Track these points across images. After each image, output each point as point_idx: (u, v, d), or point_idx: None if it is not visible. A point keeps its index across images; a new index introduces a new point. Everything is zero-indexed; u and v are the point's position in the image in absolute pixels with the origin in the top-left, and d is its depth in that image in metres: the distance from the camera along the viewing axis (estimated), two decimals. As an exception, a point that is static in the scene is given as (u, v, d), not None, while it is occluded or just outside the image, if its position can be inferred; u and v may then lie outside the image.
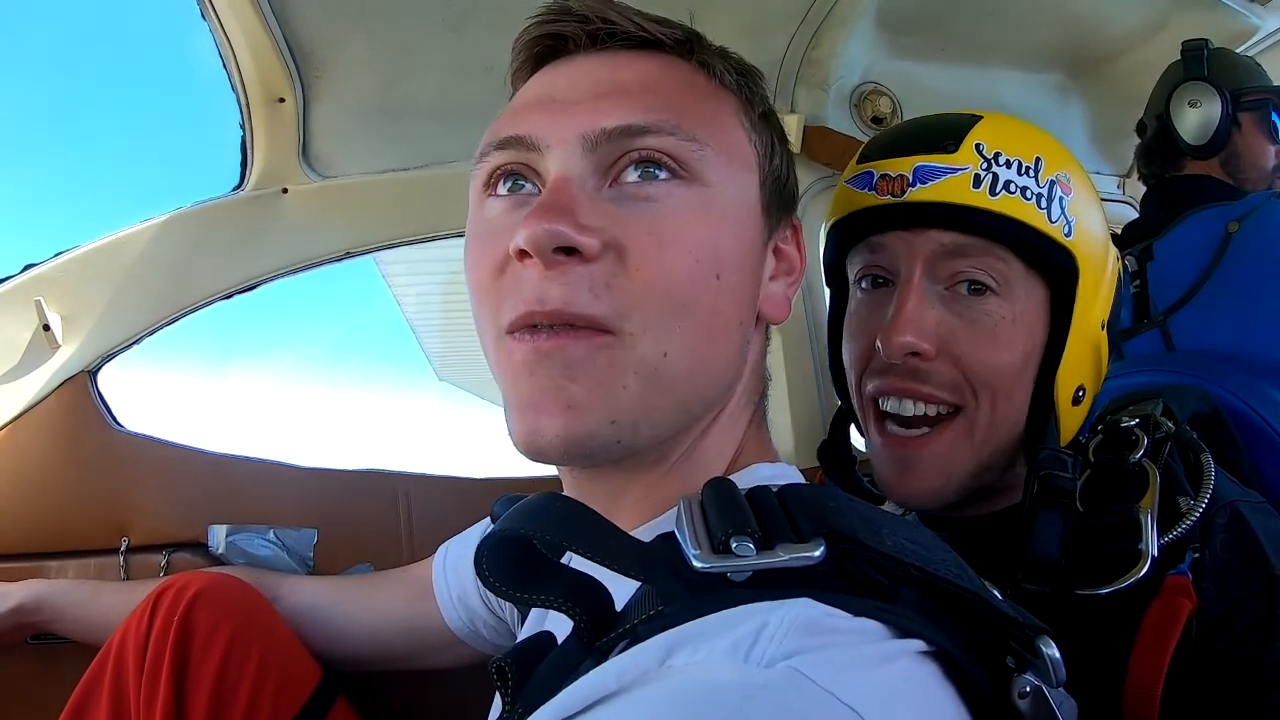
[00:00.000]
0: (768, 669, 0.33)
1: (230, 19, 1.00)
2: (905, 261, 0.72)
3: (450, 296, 7.09)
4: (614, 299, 0.47)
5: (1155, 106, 1.30)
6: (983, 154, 0.70)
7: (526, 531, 0.41)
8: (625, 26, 0.54)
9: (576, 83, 0.53)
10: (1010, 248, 0.70)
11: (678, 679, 0.34)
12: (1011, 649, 0.42)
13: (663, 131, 0.50)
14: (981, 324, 0.70)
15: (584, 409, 0.47)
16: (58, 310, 1.07)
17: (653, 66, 0.54)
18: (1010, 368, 0.71)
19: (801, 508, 0.42)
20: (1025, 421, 0.73)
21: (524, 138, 0.51)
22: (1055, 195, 0.70)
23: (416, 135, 1.20)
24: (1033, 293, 0.72)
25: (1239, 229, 1.09)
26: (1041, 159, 0.71)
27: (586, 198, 0.49)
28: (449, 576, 0.90)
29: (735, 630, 0.35)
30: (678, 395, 0.50)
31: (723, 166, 0.52)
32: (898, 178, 0.71)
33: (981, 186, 0.69)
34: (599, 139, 0.49)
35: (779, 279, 0.59)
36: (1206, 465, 0.69)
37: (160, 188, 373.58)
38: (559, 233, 0.46)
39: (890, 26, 1.30)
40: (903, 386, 0.72)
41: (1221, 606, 0.63)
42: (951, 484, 0.73)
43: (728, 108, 0.56)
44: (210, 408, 55.02)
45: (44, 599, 0.94)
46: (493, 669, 0.45)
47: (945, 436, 0.72)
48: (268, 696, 0.82)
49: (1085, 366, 0.74)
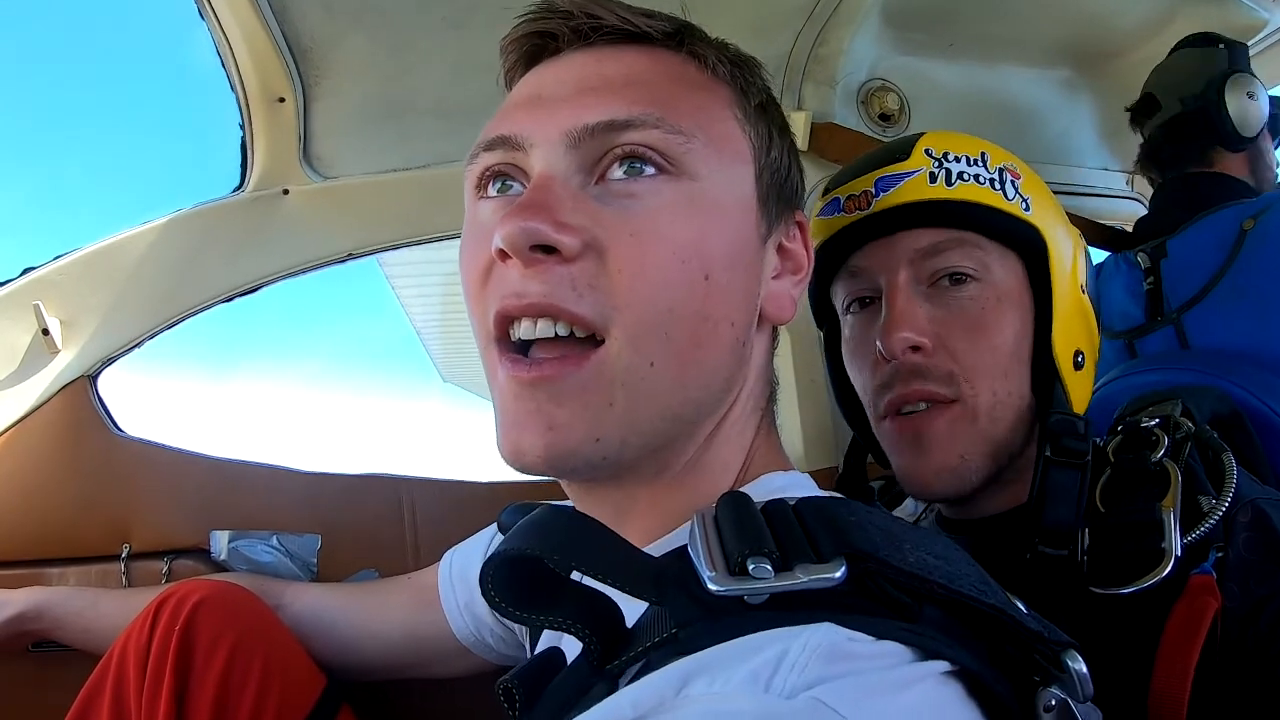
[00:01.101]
0: (789, 700, 0.32)
1: (229, 18, 0.99)
2: (886, 270, 0.75)
3: (454, 297, 7.08)
4: (597, 300, 0.46)
5: (1185, 89, 1.26)
6: (932, 155, 0.75)
7: (532, 551, 0.39)
8: (611, 21, 0.52)
9: (562, 79, 0.52)
10: (979, 232, 0.74)
11: (695, 709, 0.33)
12: (1037, 664, 0.41)
13: (647, 125, 0.48)
14: (969, 311, 0.73)
15: (566, 428, 0.46)
16: (57, 314, 1.06)
17: (640, 60, 0.53)
18: (1004, 347, 0.73)
19: (821, 524, 0.41)
20: (1031, 395, 0.75)
21: (510, 137, 0.50)
22: (1006, 179, 0.75)
23: (418, 135, 1.19)
24: (1010, 270, 0.75)
25: (1254, 226, 1.08)
26: (986, 153, 0.76)
27: (569, 195, 0.48)
28: (455, 584, 0.88)
29: (755, 658, 0.34)
30: (666, 404, 0.49)
31: (712, 159, 0.51)
32: (861, 194, 0.76)
33: (937, 181, 0.74)
34: (582, 135, 0.48)
35: (783, 277, 0.58)
36: (1229, 464, 0.68)
37: (160, 190, 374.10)
38: (535, 230, 0.45)
39: (897, 22, 1.29)
40: (909, 391, 0.73)
41: (1246, 605, 0.62)
42: (968, 463, 0.73)
43: (720, 99, 0.54)
44: (212, 412, 55.24)
45: (45, 606, 0.93)
46: (499, 690, 0.44)
47: (945, 415, 0.73)
48: (271, 706, 0.81)
49: (1077, 330, 0.77)
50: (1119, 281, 1.24)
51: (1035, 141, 1.55)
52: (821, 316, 0.86)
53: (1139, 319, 1.20)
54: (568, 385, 0.46)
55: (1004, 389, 0.73)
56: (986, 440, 0.73)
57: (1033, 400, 0.75)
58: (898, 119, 1.34)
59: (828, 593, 0.38)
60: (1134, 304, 1.21)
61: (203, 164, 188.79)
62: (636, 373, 0.47)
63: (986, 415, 0.73)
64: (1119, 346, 1.23)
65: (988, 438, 0.73)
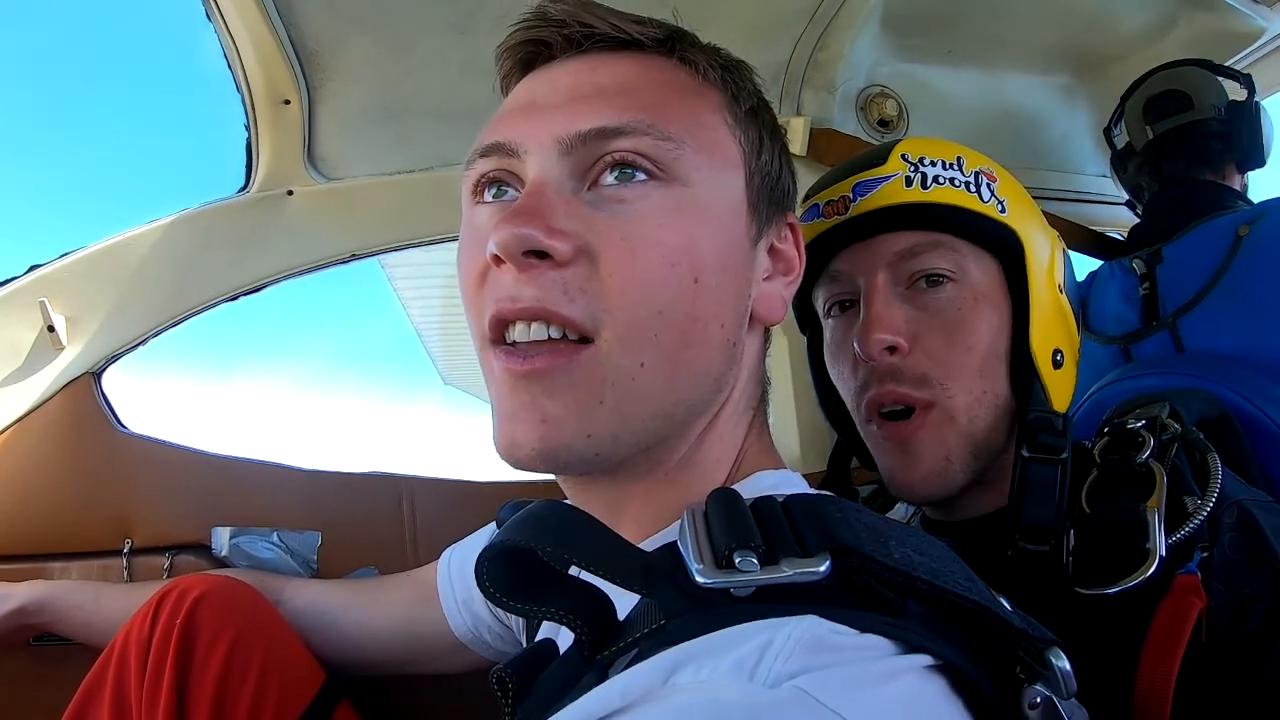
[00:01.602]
0: (773, 689, 0.33)
1: (235, 20, 1.00)
2: (865, 272, 0.76)
3: (456, 300, 7.02)
4: (589, 303, 0.47)
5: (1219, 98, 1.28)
6: (908, 160, 0.76)
7: (526, 543, 0.40)
8: (602, 29, 0.53)
9: (555, 87, 0.53)
10: (954, 234, 0.75)
11: (682, 698, 0.33)
12: (1021, 660, 0.41)
13: (637, 132, 0.49)
14: (946, 312, 0.74)
15: (559, 421, 0.47)
16: (62, 311, 1.07)
17: (631, 67, 0.53)
18: (980, 346, 0.74)
19: (807, 520, 0.42)
20: (1011, 395, 0.76)
21: (504, 144, 0.51)
22: (982, 182, 0.76)
23: (422, 137, 1.20)
24: (986, 270, 0.76)
25: (1249, 232, 1.08)
26: (962, 158, 0.77)
27: (562, 201, 0.49)
28: (454, 581, 0.89)
29: (740, 648, 0.35)
30: (657, 404, 0.50)
31: (703, 164, 0.52)
32: (839, 199, 0.77)
33: (913, 185, 0.75)
34: (574, 142, 0.49)
35: (775, 279, 0.59)
36: (1213, 464, 0.69)
37: (165, 190, 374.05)
38: (527, 236, 0.46)
39: (896, 29, 1.29)
40: (883, 391, 0.75)
41: (1231, 605, 0.62)
42: (952, 465, 0.74)
43: (710, 104, 0.55)
44: (215, 411, 55.25)
45: (46, 600, 0.94)
46: (493, 679, 0.45)
47: (925, 419, 0.74)
48: (270, 701, 0.82)
49: (1055, 329, 0.77)
50: (1114, 287, 1.24)
51: (1034, 147, 1.55)
52: (804, 321, 0.87)
53: (1134, 324, 1.21)
54: (560, 379, 0.47)
55: (979, 388, 0.74)
56: (968, 440, 0.74)
57: (1012, 400, 0.76)
58: (896, 125, 1.35)
59: (813, 586, 0.38)
60: (1129, 309, 1.21)
61: (208, 164, 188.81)
62: (626, 373, 0.48)
63: (965, 415, 0.73)
64: (1114, 352, 1.24)
65: (969, 438, 0.74)
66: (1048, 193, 1.54)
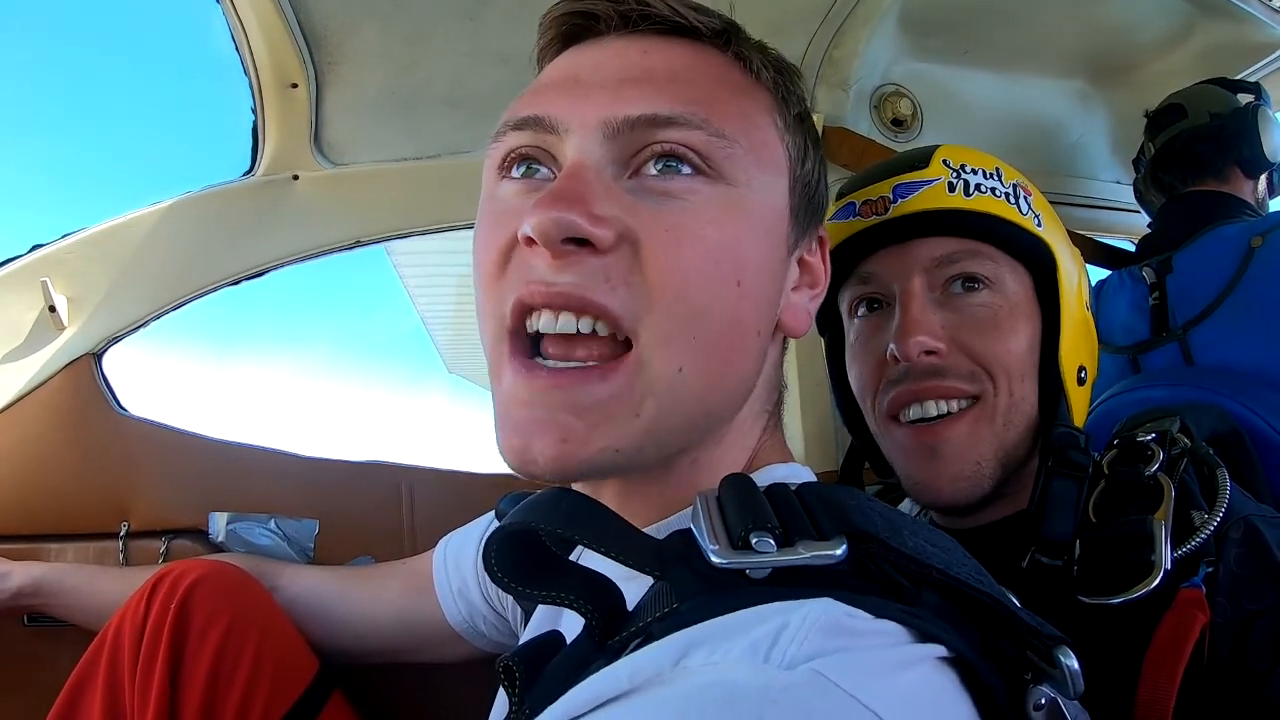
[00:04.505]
0: (789, 671, 0.32)
1: (245, 3, 0.99)
2: (900, 276, 0.76)
3: (462, 288, 7.07)
4: (631, 296, 0.45)
5: (1215, 105, 1.28)
6: (950, 165, 0.76)
7: (536, 525, 0.40)
8: (660, 9, 0.51)
9: (602, 65, 0.51)
10: (993, 244, 0.75)
11: (694, 680, 0.33)
12: (1029, 659, 0.41)
13: (690, 125, 0.48)
14: (982, 316, 0.74)
15: (582, 441, 0.45)
16: (64, 291, 1.07)
17: (685, 54, 0.51)
18: (1019, 351, 0.74)
19: (822, 505, 0.41)
20: (1038, 406, 0.76)
21: (543, 119, 0.49)
22: (1020, 195, 0.76)
23: (430, 125, 1.19)
24: (1020, 283, 0.76)
25: (1262, 244, 1.07)
26: (1000, 169, 0.77)
27: (603, 187, 0.47)
28: (450, 570, 0.89)
29: (755, 630, 0.34)
30: (688, 414, 0.48)
31: (752, 166, 0.50)
32: (879, 199, 0.76)
33: (956, 191, 0.74)
34: (621, 126, 0.47)
35: (802, 290, 0.58)
36: (1222, 480, 0.68)
37: (170, 171, 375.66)
38: (570, 222, 0.44)
39: (913, 28, 1.28)
40: (922, 387, 0.74)
41: (1235, 621, 0.62)
42: (983, 470, 0.73)
43: (762, 105, 0.53)
44: (215, 394, 55.45)
45: (42, 581, 0.94)
46: (500, 667, 0.44)
47: (967, 418, 0.74)
48: (263, 687, 0.82)
49: (1081, 346, 0.78)
50: (1123, 296, 1.23)
51: (1048, 153, 1.54)
52: (824, 323, 0.86)
53: (1143, 334, 1.20)
54: (589, 396, 0.45)
55: (1020, 392, 0.74)
56: (999, 447, 0.74)
57: (1038, 415, 0.76)
58: (910, 125, 1.34)
59: (828, 570, 0.38)
60: (1138, 319, 1.20)
61: (214, 147, 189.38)
62: (666, 380, 0.46)
63: (1003, 417, 0.74)
64: (1121, 361, 1.23)
65: (1000, 444, 0.74)
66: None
